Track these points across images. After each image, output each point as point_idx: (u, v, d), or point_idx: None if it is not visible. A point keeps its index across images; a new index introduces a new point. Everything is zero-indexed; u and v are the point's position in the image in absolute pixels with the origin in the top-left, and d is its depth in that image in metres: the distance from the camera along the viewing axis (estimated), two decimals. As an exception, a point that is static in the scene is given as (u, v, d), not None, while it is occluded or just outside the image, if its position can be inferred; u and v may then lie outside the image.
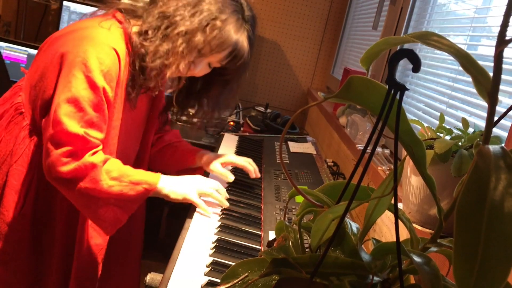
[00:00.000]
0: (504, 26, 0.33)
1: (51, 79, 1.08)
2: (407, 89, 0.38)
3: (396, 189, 0.38)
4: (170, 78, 1.20)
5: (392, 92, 0.38)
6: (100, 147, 1.09)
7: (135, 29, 1.13)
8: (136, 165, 1.36)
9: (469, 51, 1.33)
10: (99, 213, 1.10)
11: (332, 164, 1.79)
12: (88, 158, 1.05)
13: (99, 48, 1.05)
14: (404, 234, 0.54)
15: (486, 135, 0.37)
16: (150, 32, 1.11)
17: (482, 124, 1.10)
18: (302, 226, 0.52)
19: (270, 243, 0.52)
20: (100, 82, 1.05)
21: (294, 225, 0.53)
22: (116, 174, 1.09)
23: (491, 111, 0.37)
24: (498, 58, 0.34)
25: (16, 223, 1.14)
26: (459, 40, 1.41)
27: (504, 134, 0.94)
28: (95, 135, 1.07)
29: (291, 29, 2.97)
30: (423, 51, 1.60)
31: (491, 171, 0.32)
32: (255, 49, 2.96)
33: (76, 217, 1.20)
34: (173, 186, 1.19)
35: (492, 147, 0.34)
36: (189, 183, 1.23)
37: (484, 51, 1.29)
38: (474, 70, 0.38)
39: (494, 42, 1.20)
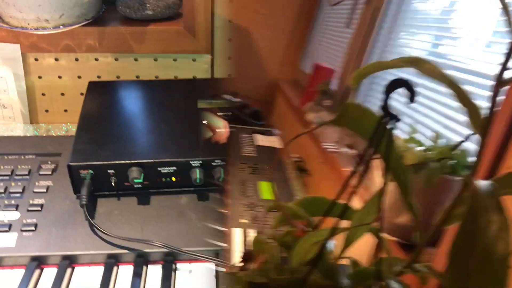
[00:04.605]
0: (503, 68, 0.32)
1: None
2: (399, 120, 0.38)
3: (382, 219, 0.38)
4: None
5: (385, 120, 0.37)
6: None
7: None
8: None
9: (432, 49, 1.36)
10: None
11: (298, 159, 1.80)
12: None
13: None
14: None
15: (476, 168, 0.38)
16: None
17: (448, 133, 1.12)
18: (279, 241, 0.51)
19: (246, 256, 0.51)
20: None
21: (270, 240, 0.52)
22: None
23: (482, 144, 0.38)
24: (494, 97, 0.34)
25: None
26: (424, 38, 1.43)
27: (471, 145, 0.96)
28: None
29: (262, 17, 2.94)
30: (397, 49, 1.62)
31: (484, 211, 0.32)
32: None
33: None
34: None
35: (484, 185, 0.34)
36: None
37: (444, 50, 1.32)
38: (467, 104, 0.37)
39: (455, 42, 1.19)
